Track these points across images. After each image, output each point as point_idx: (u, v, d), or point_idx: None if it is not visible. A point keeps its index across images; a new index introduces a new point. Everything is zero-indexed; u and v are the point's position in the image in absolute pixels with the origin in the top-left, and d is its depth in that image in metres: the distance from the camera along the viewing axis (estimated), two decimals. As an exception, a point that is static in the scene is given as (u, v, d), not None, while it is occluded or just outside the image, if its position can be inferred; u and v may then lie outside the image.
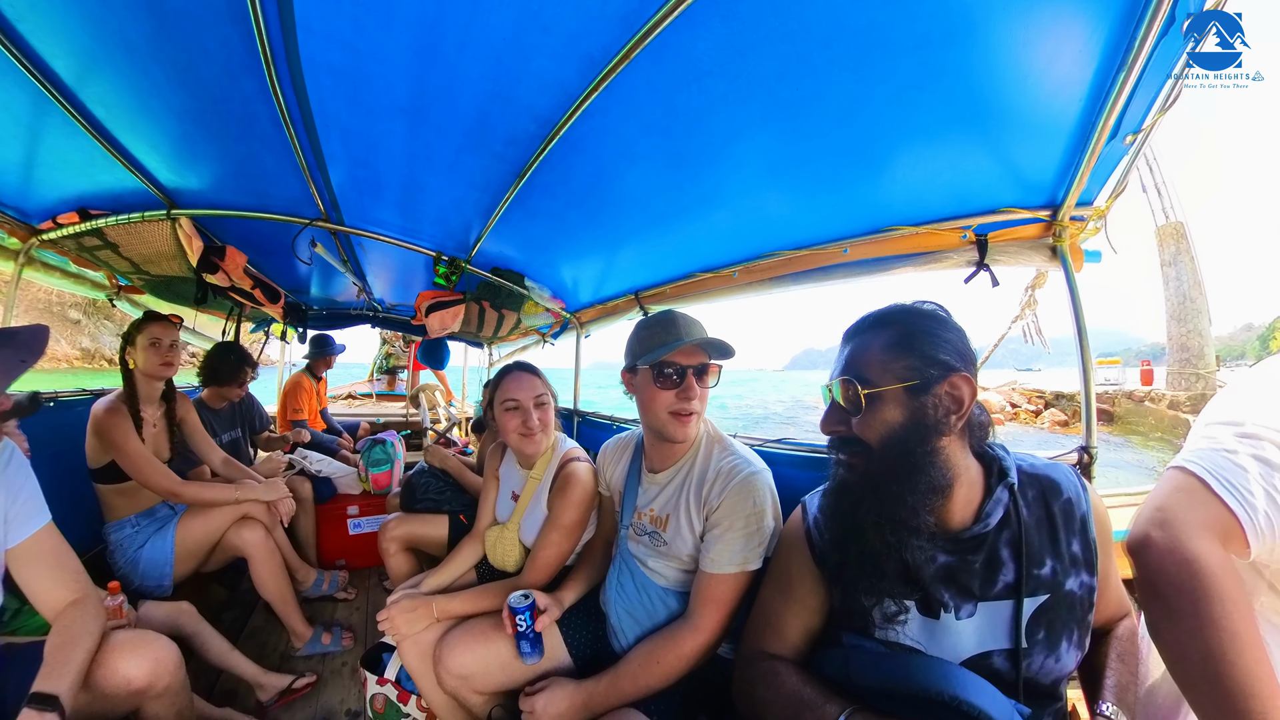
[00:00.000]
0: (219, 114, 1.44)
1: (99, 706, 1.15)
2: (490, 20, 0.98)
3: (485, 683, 1.28)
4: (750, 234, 1.80)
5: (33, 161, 1.67)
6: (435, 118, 1.34)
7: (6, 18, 1.07)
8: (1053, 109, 1.06)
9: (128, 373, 2.00)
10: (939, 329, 0.82)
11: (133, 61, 1.20)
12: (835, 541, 0.90)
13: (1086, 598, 0.83)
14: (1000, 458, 0.88)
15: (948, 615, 0.82)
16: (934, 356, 0.80)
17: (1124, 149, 1.11)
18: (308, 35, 1.08)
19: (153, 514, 2.02)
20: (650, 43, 0.98)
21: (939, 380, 0.79)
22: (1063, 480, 0.87)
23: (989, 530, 0.82)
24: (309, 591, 2.49)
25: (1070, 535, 0.84)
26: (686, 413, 1.18)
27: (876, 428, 0.82)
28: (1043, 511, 0.85)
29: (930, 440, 0.79)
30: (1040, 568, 0.82)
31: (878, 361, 0.82)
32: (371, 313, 4.12)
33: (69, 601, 1.13)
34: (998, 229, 1.42)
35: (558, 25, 0.98)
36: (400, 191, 1.88)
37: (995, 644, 0.81)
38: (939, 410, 0.79)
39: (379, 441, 3.07)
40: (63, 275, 2.44)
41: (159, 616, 1.65)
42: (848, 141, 1.24)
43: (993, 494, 0.84)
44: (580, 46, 1.03)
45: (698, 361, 1.18)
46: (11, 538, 1.09)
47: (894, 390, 0.80)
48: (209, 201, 2.08)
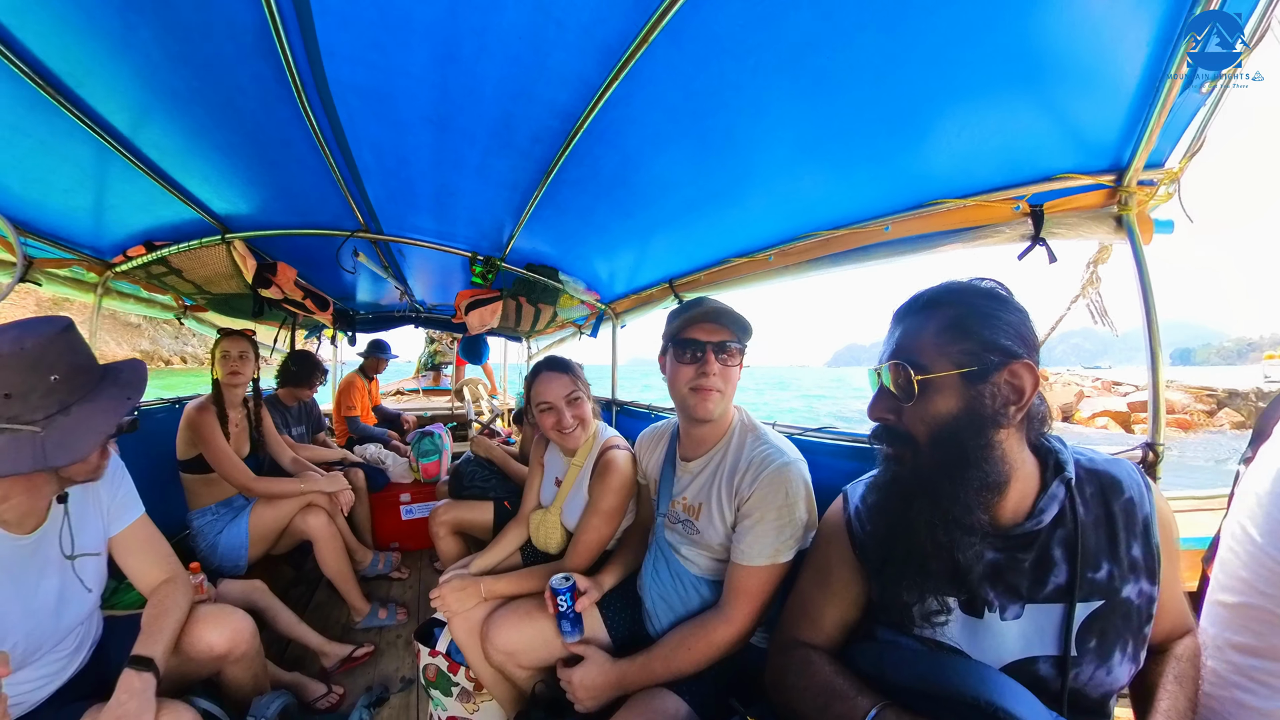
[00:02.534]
0: (260, 143, 1.52)
1: (187, 669, 1.31)
2: (504, 21, 0.97)
3: (529, 658, 1.35)
4: (784, 215, 1.73)
5: (102, 205, 1.82)
6: (461, 123, 1.35)
7: (68, 85, 1.17)
8: (1115, 55, 0.92)
9: (215, 381, 2.25)
10: (1000, 310, 0.76)
11: (180, 107, 1.30)
12: (880, 536, 0.86)
13: (1145, 607, 0.77)
14: (1057, 450, 0.81)
15: (992, 615, 0.78)
16: (994, 341, 0.73)
17: (1200, 99, 0.96)
18: (332, 60, 1.11)
19: (230, 503, 2.23)
20: (667, 24, 0.94)
21: (998, 367, 0.73)
22: (1125, 478, 0.80)
23: (1041, 528, 0.77)
24: (366, 571, 2.68)
25: (1131, 538, 0.78)
26: (706, 388, 1.18)
27: (928, 418, 0.76)
28: (1101, 511, 0.79)
29: (987, 433, 0.74)
30: (1096, 571, 0.76)
31: (932, 345, 0.76)
32: (414, 314, 4.28)
33: (162, 580, 1.28)
34: (1054, 198, 1.28)
35: (571, 18, 0.96)
36: (433, 197, 1.92)
37: (1042, 649, 0.77)
38: (997, 400, 0.74)
39: (427, 434, 3.27)
40: (136, 301, 2.67)
41: (235, 592, 1.82)
42: (884, 109, 1.14)
43: (1048, 489, 0.78)
44: (596, 36, 1.01)
45: (718, 339, 1.18)
46: (113, 527, 1.23)
47: (949, 377, 0.74)
48: (258, 223, 2.21)
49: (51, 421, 0.94)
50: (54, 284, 2.08)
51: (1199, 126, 1.04)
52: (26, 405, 0.92)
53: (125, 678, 1.03)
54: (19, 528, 1.02)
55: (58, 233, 1.91)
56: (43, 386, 0.94)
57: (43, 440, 0.92)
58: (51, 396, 0.95)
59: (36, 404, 0.93)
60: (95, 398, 1.01)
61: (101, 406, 1.01)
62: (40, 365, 0.94)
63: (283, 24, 1.00)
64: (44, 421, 0.93)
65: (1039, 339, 0.79)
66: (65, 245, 1.99)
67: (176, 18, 0.99)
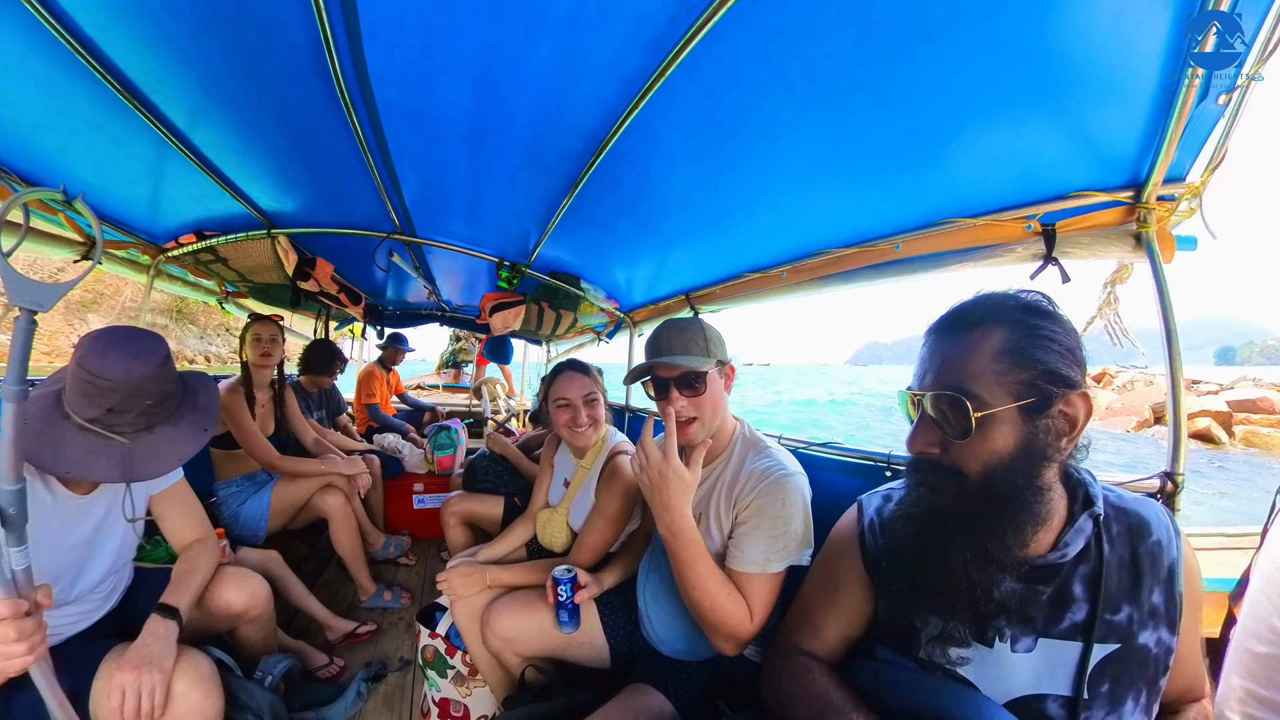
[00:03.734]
0: (308, 149, 1.64)
1: (206, 622, 1.43)
2: (537, 57, 1.06)
3: (525, 646, 1.39)
4: (797, 233, 1.79)
5: (159, 195, 1.97)
6: (494, 142, 1.45)
7: (142, 90, 1.30)
8: (1127, 65, 0.90)
9: (244, 364, 2.39)
10: (1055, 331, 0.68)
11: (237, 113, 1.42)
12: (907, 567, 0.79)
13: (1163, 658, 0.72)
14: (1087, 483, 0.76)
15: (1002, 645, 0.74)
16: (1054, 369, 0.67)
17: (1218, 110, 0.92)
18: (381, 84, 1.22)
19: (254, 477, 2.37)
20: (682, 60, 1.02)
21: (1058, 399, 0.67)
22: (1154, 520, 0.76)
23: (1065, 561, 0.73)
24: (376, 554, 2.78)
25: (1154, 583, 0.73)
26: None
27: (981, 455, 0.69)
28: (1127, 551, 0.74)
29: (1039, 472, 0.69)
30: (1115, 613, 0.72)
31: (989, 373, 0.68)
32: (440, 312, 4.43)
33: (194, 539, 1.41)
34: (1068, 216, 1.25)
35: (597, 55, 1.05)
36: (465, 206, 2.04)
37: (1052, 688, 0.72)
38: (1050, 434, 0.68)
39: (444, 428, 3.36)
40: (183, 284, 2.84)
41: (253, 560, 1.93)
42: (893, 131, 1.17)
43: (1074, 523, 0.73)
44: (619, 70, 1.09)
45: (677, 374, 1.15)
46: (156, 485, 1.35)
47: (1008, 411, 0.67)
48: (301, 220, 2.36)
49: (138, 437, 1.08)
50: (113, 264, 2.26)
51: (1220, 137, 0.99)
52: (122, 420, 1.06)
53: (152, 622, 1.14)
54: (78, 488, 1.15)
55: (119, 218, 2.06)
56: (139, 408, 1.07)
57: (129, 452, 1.06)
58: (143, 417, 1.09)
59: (130, 421, 1.07)
60: (176, 422, 1.14)
61: (181, 433, 1.14)
62: (141, 393, 1.06)
63: (336, 48, 1.10)
64: (132, 435, 1.07)
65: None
66: (124, 229, 2.14)
67: (241, 37, 1.11)
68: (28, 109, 1.35)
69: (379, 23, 1.03)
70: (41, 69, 1.18)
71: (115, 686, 1.02)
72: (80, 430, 1.04)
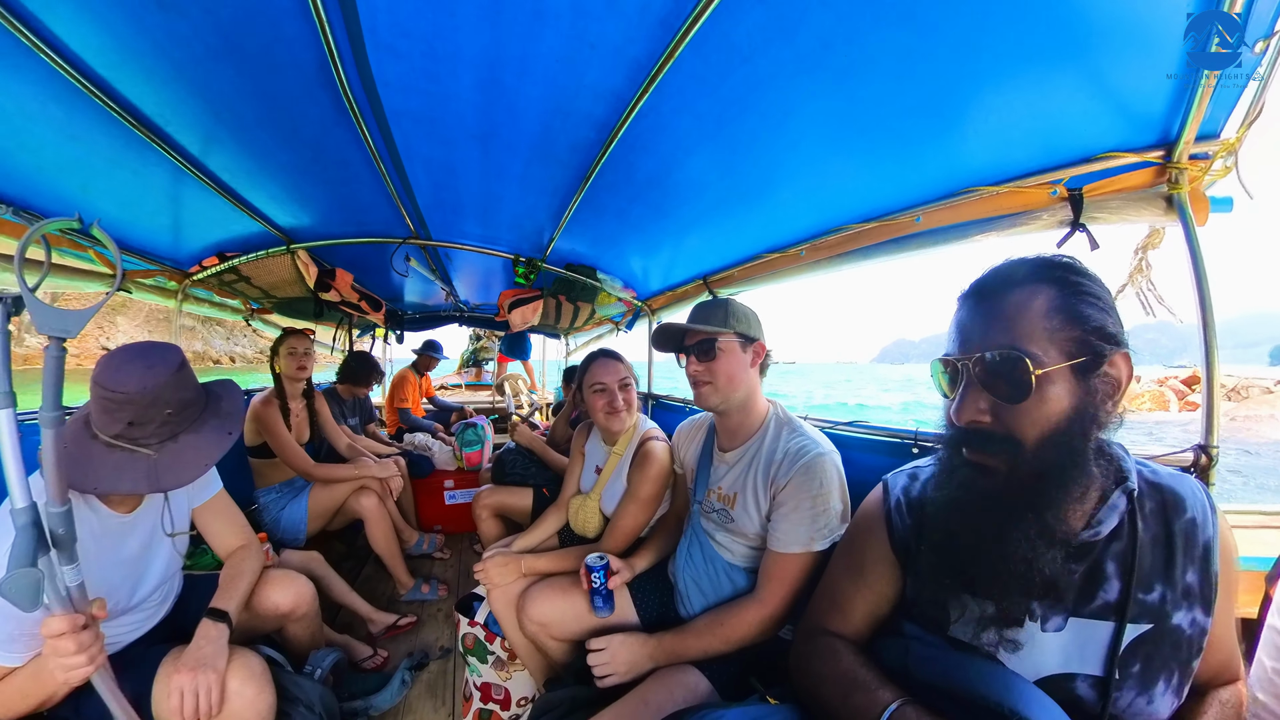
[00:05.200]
0: (320, 163, 1.67)
1: (255, 624, 1.49)
2: (542, 47, 1.05)
3: (561, 630, 1.44)
4: (814, 210, 1.76)
5: (180, 222, 2.03)
6: (504, 138, 1.45)
7: (156, 123, 1.33)
8: (1156, 13, 0.84)
9: (276, 375, 2.47)
10: (1097, 288, 0.67)
11: (248, 134, 1.45)
12: (943, 546, 0.77)
13: (1196, 639, 0.71)
14: (1120, 458, 0.74)
15: (1033, 624, 0.73)
16: (1103, 326, 0.66)
17: (1254, 60, 0.85)
18: (388, 90, 1.22)
19: (292, 484, 2.45)
20: (691, 38, 1.00)
21: (1107, 357, 0.66)
22: (1189, 496, 0.73)
23: (1098, 539, 0.71)
24: (411, 550, 2.88)
25: (1188, 562, 0.71)
26: (696, 383, 1.29)
27: (1039, 419, 0.66)
28: (1161, 529, 0.72)
29: (1091, 435, 0.67)
30: (1148, 592, 0.70)
31: (1042, 330, 0.66)
32: (458, 313, 4.49)
33: (238, 546, 1.45)
34: (1095, 180, 1.20)
35: (603, 40, 1.04)
36: (479, 205, 2.05)
37: (1082, 667, 0.71)
38: (1098, 395, 0.66)
39: (471, 425, 3.46)
40: (210, 305, 2.93)
41: (296, 561, 2.01)
42: (909, 99, 1.13)
43: (1108, 499, 0.71)
44: (627, 54, 1.08)
45: (695, 340, 1.27)
46: (197, 499, 1.41)
47: (1062, 370, 0.65)
48: (319, 234, 2.40)
49: (163, 447, 1.10)
50: (141, 292, 2.32)
51: (1257, 89, 0.91)
52: (144, 431, 1.08)
53: (203, 626, 1.19)
54: (121, 506, 1.20)
55: (144, 247, 2.14)
56: (159, 418, 1.09)
57: (155, 463, 1.09)
58: (165, 426, 1.11)
59: (153, 432, 1.09)
60: (200, 428, 1.17)
61: (205, 439, 1.16)
62: (158, 402, 1.08)
63: (340, 60, 1.11)
64: (157, 446, 1.10)
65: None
66: (150, 258, 2.22)
67: (247, 59, 1.12)
68: (51, 154, 1.40)
69: (381, 30, 1.02)
70: (61, 114, 1.22)
71: (174, 688, 1.06)
72: (107, 448, 1.07)
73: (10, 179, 1.46)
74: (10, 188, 1.50)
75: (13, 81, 1.10)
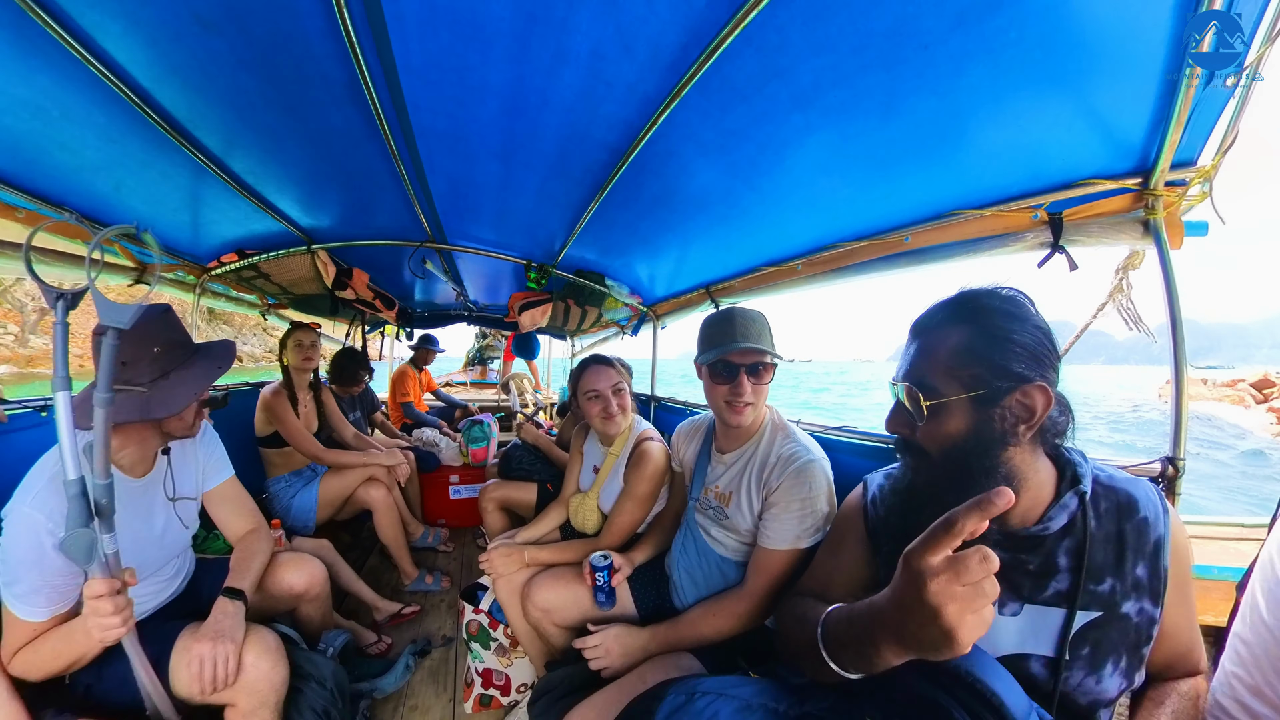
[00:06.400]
0: (345, 171, 1.76)
1: (270, 604, 1.56)
2: (562, 84, 1.16)
3: (563, 616, 1.51)
4: (810, 227, 1.84)
5: (199, 219, 2.12)
6: (523, 158, 1.55)
7: (187, 128, 1.41)
8: (1133, 47, 0.89)
9: (285, 368, 2.55)
10: (1014, 330, 0.75)
11: (275, 143, 1.54)
12: (896, 534, 0.89)
13: (1145, 627, 0.77)
14: (1076, 463, 0.82)
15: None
16: (1005, 366, 0.74)
17: (1226, 92, 0.91)
18: (417, 111, 1.32)
19: (301, 473, 2.54)
20: (696, 80, 1.10)
21: (1008, 391, 0.74)
22: (1142, 499, 0.81)
23: (1048, 534, 0.79)
24: (416, 542, 2.94)
25: (1138, 558, 0.78)
26: (739, 405, 1.29)
27: (938, 437, 0.78)
28: (1114, 528, 0.79)
29: (993, 453, 0.76)
30: (1098, 584, 0.77)
31: (943, 367, 0.77)
32: (467, 312, 4.57)
33: (248, 530, 1.52)
34: (1076, 205, 1.26)
35: (618, 79, 1.14)
36: (495, 214, 2.15)
37: (1036, 649, 0.79)
38: (1006, 421, 0.75)
39: (478, 422, 3.51)
40: (227, 300, 3.00)
41: (307, 547, 2.07)
42: (897, 133, 1.22)
43: (1060, 499, 0.79)
44: (638, 91, 1.18)
45: (750, 361, 1.27)
46: (208, 483, 1.47)
47: (958, 401, 0.76)
48: (339, 235, 2.51)
49: (155, 384, 1.16)
50: (161, 285, 2.39)
51: (1230, 118, 0.97)
52: (137, 371, 1.14)
53: (220, 603, 1.24)
54: (131, 472, 1.24)
55: (166, 242, 2.23)
56: (148, 356, 1.16)
57: (147, 398, 1.15)
58: (155, 364, 1.17)
59: (144, 370, 1.15)
60: (190, 366, 1.22)
61: (195, 373, 1.21)
62: (145, 339, 1.15)
63: (372, 81, 1.19)
64: (149, 384, 1.15)
65: (1059, 353, 0.78)
66: (171, 252, 2.32)
67: (279, 73, 1.20)
68: (91, 156, 1.48)
69: (414, 58, 1.12)
70: (104, 119, 1.30)
71: (194, 656, 1.12)
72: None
73: (50, 177, 1.55)
74: (50, 185, 1.58)
75: (62, 90, 1.18)
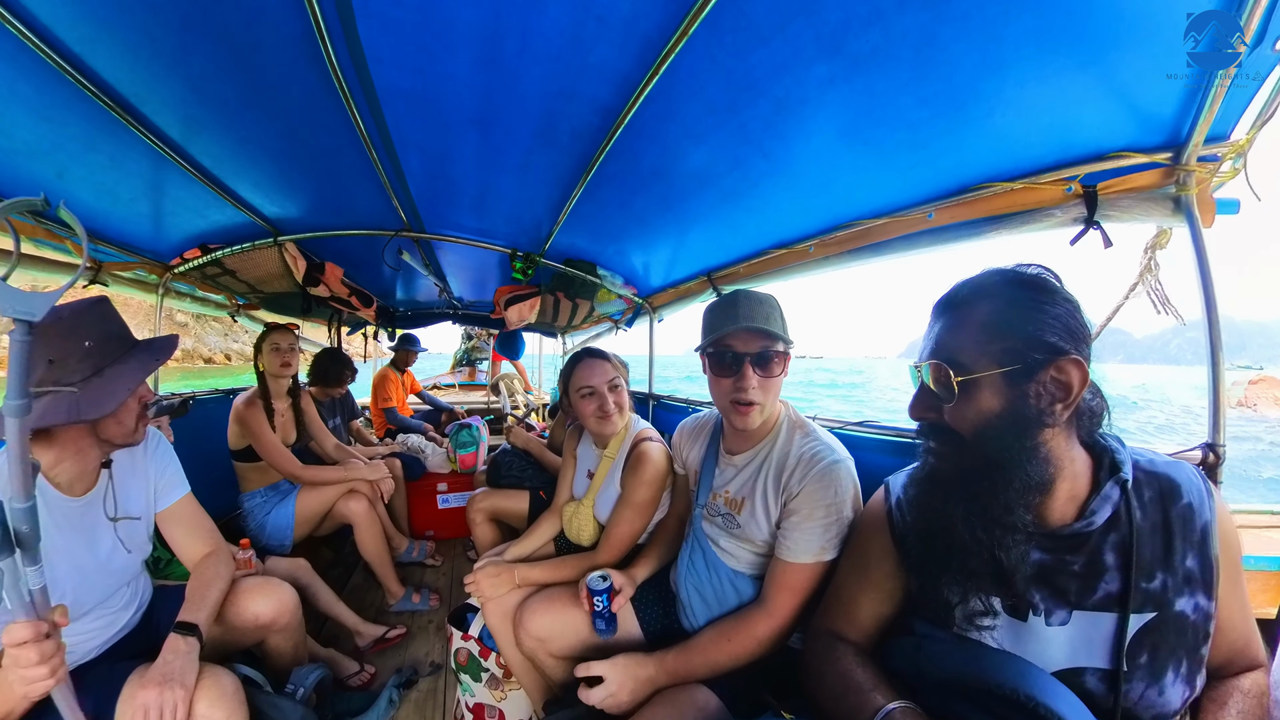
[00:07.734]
0: (308, 149, 1.59)
1: (232, 637, 1.39)
2: (546, 20, 0.98)
3: (560, 646, 1.36)
4: (824, 204, 1.70)
5: (159, 211, 1.94)
6: (504, 122, 1.38)
7: (133, 103, 1.27)
8: (1172, 10, 0.83)
9: (260, 374, 2.37)
10: (1045, 302, 0.72)
11: (230, 116, 1.38)
12: (920, 531, 0.84)
13: (1202, 624, 0.72)
14: (1114, 450, 0.78)
15: (1036, 619, 0.75)
16: (1038, 337, 0.70)
17: (1274, 58, 0.85)
18: (378, 65, 1.14)
19: (278, 487, 2.36)
20: (706, 14, 0.94)
21: (1043, 365, 0.70)
22: (1185, 482, 0.76)
23: (1093, 530, 0.74)
24: (402, 557, 2.79)
25: (1187, 547, 0.73)
26: (744, 402, 1.13)
27: (970, 418, 0.74)
28: (1159, 516, 0.74)
29: (1031, 433, 0.72)
30: (1149, 580, 0.72)
31: (972, 342, 0.74)
32: (452, 310, 4.39)
33: (204, 553, 1.36)
34: (1108, 178, 1.18)
35: (612, 13, 0.97)
36: (475, 195, 1.98)
37: (1090, 661, 0.73)
38: (1042, 399, 0.71)
39: (465, 426, 3.35)
40: (193, 300, 2.84)
41: (281, 569, 1.94)
42: (927, 90, 1.09)
43: (1100, 490, 0.75)
44: (637, 30, 1.01)
45: (757, 348, 1.11)
46: (160, 503, 1.33)
47: (990, 376, 0.72)
48: (307, 225, 2.32)
49: (88, 383, 1.04)
50: (120, 285, 2.22)
51: (1271, 90, 0.91)
52: (66, 369, 1.02)
53: (171, 641, 1.11)
54: (70, 490, 1.12)
55: (123, 238, 2.05)
56: (79, 351, 1.03)
57: (77, 398, 1.02)
58: (87, 360, 1.04)
59: (74, 367, 1.03)
60: (126, 360, 1.09)
61: (130, 367, 1.09)
62: (75, 332, 1.03)
63: (327, 30, 1.03)
64: (80, 383, 1.03)
65: (1091, 331, 0.75)
66: (129, 249, 2.13)
67: (227, 32, 1.05)
68: (23, 136, 1.32)
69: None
70: (31, 91, 1.15)
71: (138, 706, 0.99)
72: (36, 400, 0.99)
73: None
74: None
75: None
